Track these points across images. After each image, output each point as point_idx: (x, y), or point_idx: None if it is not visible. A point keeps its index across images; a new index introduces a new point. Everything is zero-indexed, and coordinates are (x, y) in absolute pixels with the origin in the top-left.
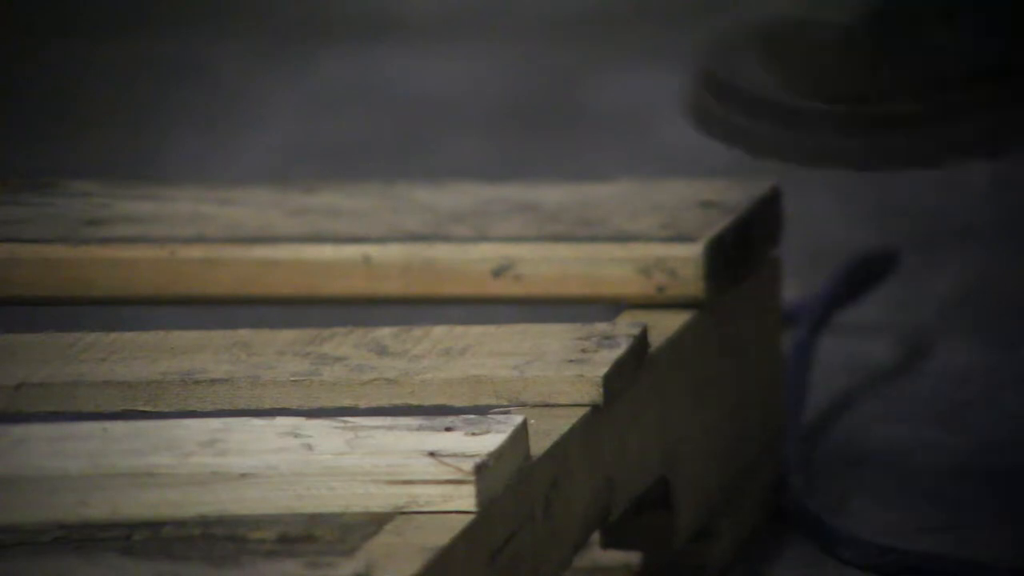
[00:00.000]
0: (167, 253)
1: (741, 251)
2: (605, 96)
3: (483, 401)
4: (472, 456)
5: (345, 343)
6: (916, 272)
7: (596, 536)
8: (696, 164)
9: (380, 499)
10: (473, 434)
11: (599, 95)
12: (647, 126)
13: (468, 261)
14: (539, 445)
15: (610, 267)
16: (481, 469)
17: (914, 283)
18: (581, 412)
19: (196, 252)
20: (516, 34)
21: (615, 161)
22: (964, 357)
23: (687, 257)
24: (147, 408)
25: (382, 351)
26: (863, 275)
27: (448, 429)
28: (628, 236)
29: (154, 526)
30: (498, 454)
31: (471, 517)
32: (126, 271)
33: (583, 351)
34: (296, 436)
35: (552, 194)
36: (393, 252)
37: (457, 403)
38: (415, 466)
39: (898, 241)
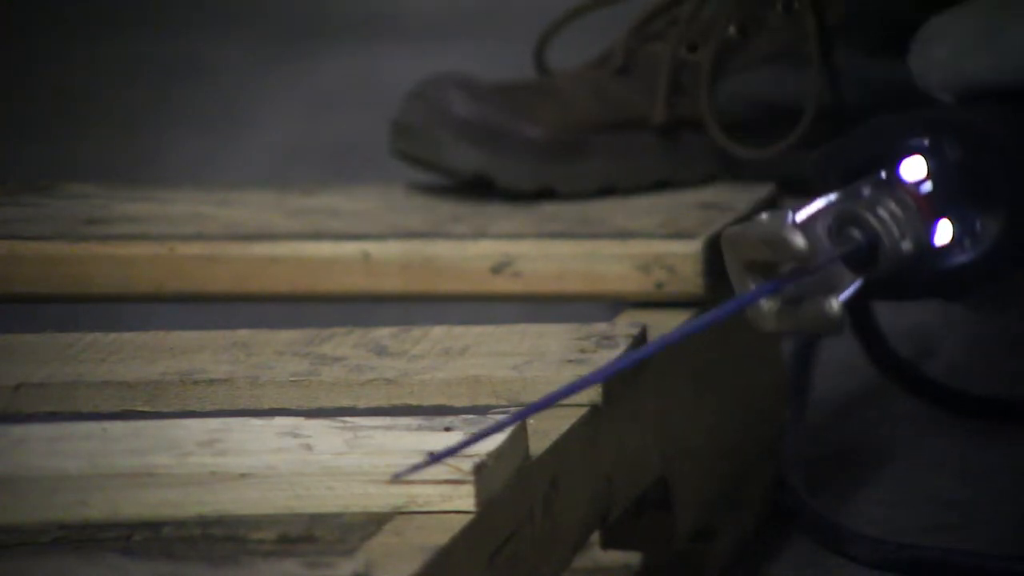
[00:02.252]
0: (166, 250)
1: None
2: None
3: (482, 401)
4: (471, 456)
5: (344, 343)
6: None
7: (596, 536)
8: None
9: (379, 499)
10: (472, 434)
11: None
12: None
13: (467, 258)
14: (539, 445)
15: (609, 263)
16: (480, 469)
17: None
18: (580, 412)
19: (195, 249)
20: (517, 34)
21: None
22: (964, 357)
23: (686, 254)
24: (146, 408)
25: (381, 351)
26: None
27: (447, 429)
28: (627, 233)
29: (154, 526)
30: (497, 454)
31: (470, 517)
32: (125, 268)
33: (582, 351)
34: (295, 436)
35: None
36: (392, 249)
37: (456, 403)
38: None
39: None
